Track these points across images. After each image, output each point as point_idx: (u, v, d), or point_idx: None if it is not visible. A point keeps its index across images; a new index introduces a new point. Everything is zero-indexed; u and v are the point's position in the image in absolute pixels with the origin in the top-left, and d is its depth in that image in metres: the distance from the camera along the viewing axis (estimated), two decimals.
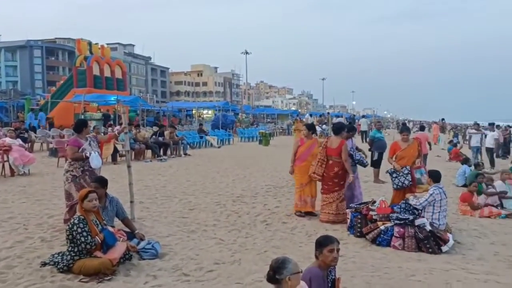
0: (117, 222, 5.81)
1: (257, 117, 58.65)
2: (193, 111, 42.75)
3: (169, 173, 12.23)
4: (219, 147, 21.62)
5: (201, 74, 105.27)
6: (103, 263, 4.52)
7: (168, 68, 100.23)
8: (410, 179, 7.12)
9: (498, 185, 9.52)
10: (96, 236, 4.70)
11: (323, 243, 3.41)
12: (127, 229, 5.61)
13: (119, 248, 4.79)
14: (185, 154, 17.02)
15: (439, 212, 6.26)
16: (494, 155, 16.76)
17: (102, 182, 5.60)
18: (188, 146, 18.37)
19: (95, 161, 5.85)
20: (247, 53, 62.84)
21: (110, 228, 4.99)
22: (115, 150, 13.89)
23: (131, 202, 6.78)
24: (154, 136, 16.60)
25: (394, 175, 7.24)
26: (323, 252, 3.38)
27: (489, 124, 18.45)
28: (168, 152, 16.36)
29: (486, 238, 6.74)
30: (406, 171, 7.12)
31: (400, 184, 7.15)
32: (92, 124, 14.95)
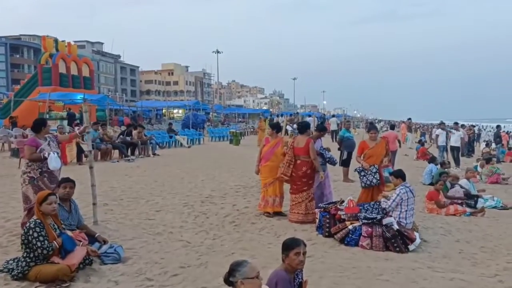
0: None
1: (229, 116, 58.52)
2: (163, 111, 42.17)
3: (137, 173, 11.95)
4: (189, 147, 21.34)
5: (172, 73, 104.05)
6: (60, 269, 4.30)
7: (138, 67, 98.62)
8: (378, 178, 7.15)
9: (463, 183, 9.74)
10: (54, 241, 4.47)
11: (289, 246, 3.32)
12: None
13: (78, 253, 4.58)
14: (154, 154, 16.70)
15: (406, 211, 6.31)
16: (460, 153, 17.15)
17: (74, 183, 5.40)
18: (157, 146, 18.04)
19: (53, 162, 5.58)
20: (218, 52, 62.49)
21: (69, 233, 4.77)
22: (80, 150, 13.48)
23: (94, 204, 6.53)
24: (121, 136, 16.22)
25: (362, 173, 7.26)
26: (289, 255, 3.29)
27: (454, 123, 18.87)
28: (136, 152, 16.01)
29: (451, 236, 6.83)
30: (374, 170, 7.15)
31: (368, 182, 7.18)
32: (56, 123, 14.48)
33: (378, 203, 6.49)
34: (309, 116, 39.93)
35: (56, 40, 31.98)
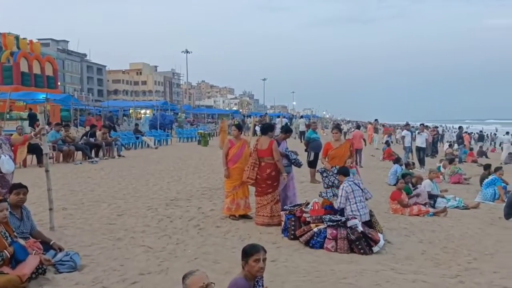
0: None
1: (198, 117, 58.06)
2: (130, 111, 41.36)
3: (100, 176, 11.61)
4: (156, 148, 20.99)
5: (140, 73, 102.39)
6: (10, 280, 4.06)
7: (105, 66, 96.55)
8: (333, 180, 7.20)
9: (426, 183, 9.90)
10: (5, 250, 4.24)
11: (248, 252, 3.23)
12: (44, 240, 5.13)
13: (30, 262, 4.34)
14: (119, 155, 16.31)
15: (355, 203, 6.33)
16: (425, 154, 17.51)
17: (27, 189, 5.11)
18: (123, 147, 17.64)
19: (6, 165, 5.30)
20: (187, 52, 61.94)
21: (21, 241, 4.52)
22: (41, 152, 12.98)
23: (50, 209, 6.25)
24: (85, 137, 15.75)
25: (324, 174, 7.30)
26: (249, 262, 3.20)
27: (420, 124, 19.29)
28: (101, 154, 15.60)
29: (414, 237, 6.89)
30: (335, 171, 7.16)
31: (330, 183, 7.20)
32: (16, 124, 13.93)
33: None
34: (278, 117, 40.05)
35: (17, 37, 30.99)
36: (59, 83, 44.00)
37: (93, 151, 15.25)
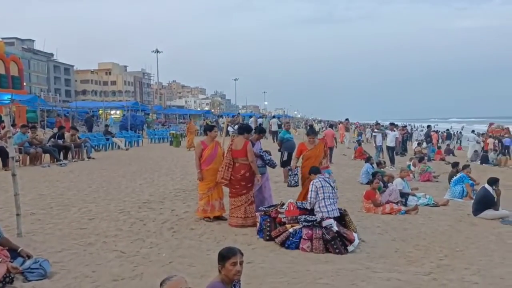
0: None
1: (169, 117, 57.42)
2: (100, 112, 40.53)
3: (69, 179, 11.30)
4: (127, 149, 20.61)
5: (110, 73, 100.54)
6: None
7: (72, 66, 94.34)
8: (296, 180, 7.33)
9: (398, 182, 10.07)
10: None
11: (225, 256, 3.17)
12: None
13: None
14: (89, 157, 15.94)
15: (323, 199, 6.31)
16: (395, 153, 17.84)
17: None
18: (92, 149, 17.24)
19: None
20: (158, 52, 61.09)
21: None
22: (6, 155, 12.54)
23: (18, 215, 6.02)
24: (52, 139, 15.30)
25: (290, 173, 7.51)
26: (226, 265, 3.15)
27: (390, 124, 19.64)
28: (70, 156, 15.20)
29: (387, 235, 6.99)
30: (295, 172, 7.27)
31: (292, 183, 7.44)
32: None
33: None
34: (250, 117, 40.04)
35: None
36: (24, 84, 42.75)
37: (61, 154, 14.83)
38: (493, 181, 8.83)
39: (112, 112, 42.84)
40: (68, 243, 5.87)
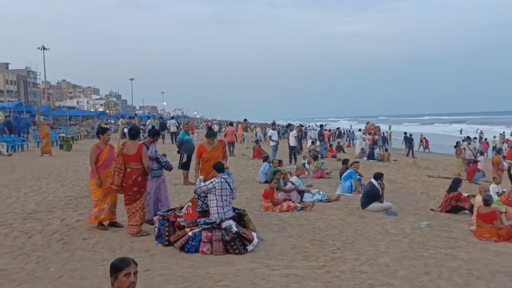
0: None
1: (59, 119, 53.61)
2: None
3: None
4: (9, 155, 18.77)
5: None
6: None
7: None
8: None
9: (294, 180, 10.47)
10: None
11: (117, 267, 3.00)
12: None
13: None
14: None
15: (222, 201, 6.28)
16: (294, 152, 18.52)
17: None
18: None
19: None
20: (44, 48, 56.63)
21: None
22: None
23: None
24: None
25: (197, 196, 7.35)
26: (119, 277, 2.97)
27: (288, 125, 20.38)
28: None
29: (285, 232, 7.22)
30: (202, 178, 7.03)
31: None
32: None
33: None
34: (148, 118, 38.90)
35: None
36: None
37: None
38: (378, 176, 9.60)
39: None
40: None
